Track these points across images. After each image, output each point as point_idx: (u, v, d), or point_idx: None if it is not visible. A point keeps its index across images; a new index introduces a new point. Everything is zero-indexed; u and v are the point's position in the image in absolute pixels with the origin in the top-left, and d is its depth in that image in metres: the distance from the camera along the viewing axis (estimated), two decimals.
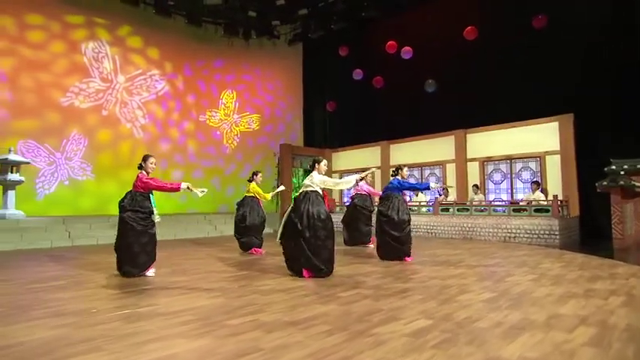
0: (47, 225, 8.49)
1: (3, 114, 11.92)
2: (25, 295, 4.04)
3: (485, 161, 11.02)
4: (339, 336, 2.75)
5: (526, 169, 10.37)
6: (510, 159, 10.58)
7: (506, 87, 10.41)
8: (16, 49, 12.43)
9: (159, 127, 15.07)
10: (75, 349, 2.55)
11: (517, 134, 10.39)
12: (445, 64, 11.44)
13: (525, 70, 10.12)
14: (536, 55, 10.03)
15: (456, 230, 9.70)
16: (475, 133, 11.17)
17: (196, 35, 15.58)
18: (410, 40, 11.82)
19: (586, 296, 3.84)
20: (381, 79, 12.84)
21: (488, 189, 10.97)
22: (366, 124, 14.03)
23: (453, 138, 11.52)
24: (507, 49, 10.36)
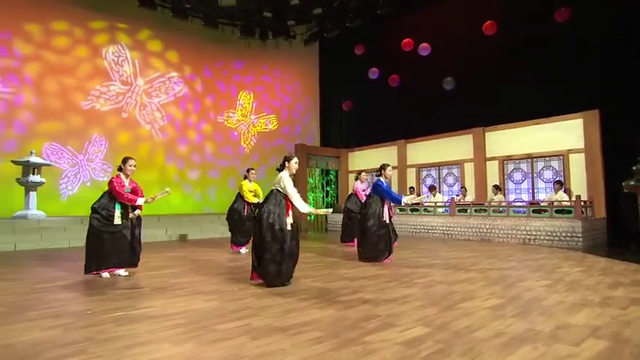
0: (66, 225, 8.70)
1: (29, 117, 12.33)
2: (29, 295, 4.09)
3: (505, 160, 10.63)
4: (327, 344, 2.64)
5: (548, 169, 9.94)
6: (531, 158, 10.16)
7: (528, 83, 10.01)
8: (42, 54, 12.84)
9: (177, 128, 15.28)
10: (59, 352, 2.53)
11: (538, 132, 9.97)
12: (463, 60, 11.10)
13: (547, 65, 9.71)
14: (559, 49, 9.60)
15: (473, 232, 9.38)
16: (494, 131, 10.79)
17: (213, 37, 15.72)
18: (426, 37, 11.53)
19: (602, 304, 3.58)
20: (397, 77, 12.60)
21: (508, 189, 10.57)
22: (383, 123, 13.80)
23: (471, 136, 11.17)
24: (528, 44, 9.96)
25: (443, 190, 11.95)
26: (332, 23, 14.32)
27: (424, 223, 10.43)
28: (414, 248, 8.02)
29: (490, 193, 10.22)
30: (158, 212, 13.32)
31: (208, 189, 15.38)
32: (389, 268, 5.61)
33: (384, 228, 6.05)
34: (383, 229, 6.05)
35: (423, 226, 10.43)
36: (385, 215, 6.11)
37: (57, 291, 4.27)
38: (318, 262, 6.22)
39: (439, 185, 12.00)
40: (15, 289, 4.39)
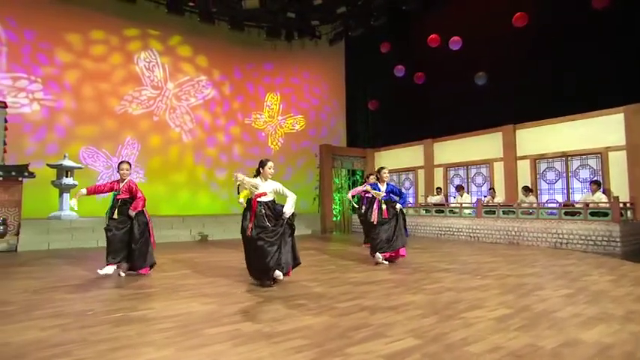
0: (95, 225, 9.09)
1: (68, 121, 13.02)
2: (41, 294, 4.27)
3: (538, 159, 10.06)
4: (307, 354, 2.56)
5: (584, 167, 9.31)
6: (566, 156, 9.56)
7: (562, 76, 9.44)
8: (81, 62, 13.53)
9: (206, 130, 15.64)
10: (47, 353, 2.60)
11: (574, 128, 9.37)
12: (491, 55, 10.62)
13: (584, 57, 9.08)
14: (596, 39, 8.97)
15: (500, 234, 8.95)
16: (526, 128, 10.25)
17: (240, 40, 15.95)
18: (453, 33, 11.10)
19: (624, 320, 3.27)
20: (422, 74, 12.26)
21: (541, 189, 10.00)
22: (409, 122, 13.46)
23: (500, 134, 10.66)
24: (562, 35, 9.39)
25: (471, 190, 11.50)
26: (356, 22, 14.16)
27: (450, 225, 10.07)
28: (434, 251, 7.76)
29: (520, 195, 9.70)
30: (186, 213, 13.71)
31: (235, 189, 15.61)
32: (400, 273, 5.44)
33: (377, 227, 6.12)
34: (378, 227, 6.11)
35: (449, 227, 10.08)
36: (374, 216, 6.15)
37: (68, 290, 4.43)
38: (330, 265, 6.14)
39: (467, 185, 11.56)
40: (31, 287, 4.60)
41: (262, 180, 4.75)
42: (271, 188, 4.75)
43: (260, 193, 4.67)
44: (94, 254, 7.50)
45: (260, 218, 4.57)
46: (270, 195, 4.73)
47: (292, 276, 5.07)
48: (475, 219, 9.54)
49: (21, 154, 11.62)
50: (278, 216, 4.64)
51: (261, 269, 4.53)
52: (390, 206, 6.16)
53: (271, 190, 4.75)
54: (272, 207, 4.69)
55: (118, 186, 5.54)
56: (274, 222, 4.61)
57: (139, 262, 5.33)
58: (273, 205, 4.72)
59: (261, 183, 4.73)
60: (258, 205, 4.63)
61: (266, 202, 4.68)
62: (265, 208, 4.63)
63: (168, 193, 14.25)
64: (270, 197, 4.73)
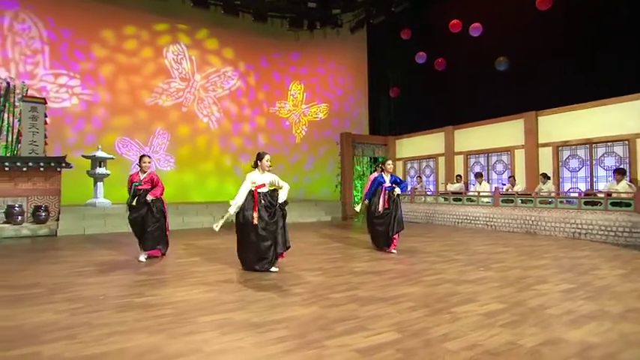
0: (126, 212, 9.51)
1: (104, 113, 13.57)
2: (66, 278, 4.55)
3: (560, 146, 9.58)
4: (287, 344, 2.61)
5: (610, 155, 8.79)
6: (590, 143, 9.04)
7: (586, 60, 8.88)
8: (114, 57, 13.99)
9: (232, 119, 15.88)
10: (54, 335, 2.78)
11: (599, 114, 8.82)
12: (513, 40, 10.12)
13: (609, 39, 8.50)
14: (623, 22, 8.33)
15: (517, 223, 8.65)
16: (548, 115, 9.74)
17: (264, 31, 15.93)
18: (475, 18, 10.63)
19: (618, 318, 3.11)
20: (443, 60, 11.84)
21: (563, 177, 9.55)
22: (430, 109, 13.12)
23: (522, 121, 10.20)
24: (587, 16, 8.78)
25: (491, 178, 11.13)
26: (377, 9, 13.79)
27: (467, 213, 9.82)
28: (447, 240, 7.61)
29: (540, 184, 9.30)
30: (213, 199, 14.09)
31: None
32: (405, 262, 5.39)
33: (379, 219, 6.24)
34: (377, 219, 6.26)
35: (466, 216, 9.83)
36: (380, 207, 6.23)
37: (91, 274, 4.70)
38: (336, 254, 6.15)
39: (487, 173, 11.19)
40: (60, 271, 4.91)
41: (260, 172, 4.87)
42: (268, 180, 4.87)
43: (259, 185, 4.80)
44: (124, 239, 7.87)
45: (261, 209, 4.71)
46: (267, 186, 4.86)
47: (298, 264, 5.17)
48: (492, 207, 9.26)
49: (64, 145, 12.28)
50: (273, 205, 4.79)
51: (259, 258, 4.72)
52: (393, 195, 6.25)
53: (268, 181, 4.87)
54: (270, 197, 4.84)
55: (138, 177, 5.77)
56: (272, 212, 4.76)
57: (149, 244, 5.64)
58: (271, 194, 4.87)
59: (259, 175, 4.84)
60: (259, 196, 4.76)
61: (265, 193, 4.82)
62: (265, 199, 4.78)
63: (197, 180, 14.66)
64: (267, 188, 4.86)
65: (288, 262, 5.43)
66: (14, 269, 5.10)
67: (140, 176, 5.77)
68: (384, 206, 6.20)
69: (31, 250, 6.80)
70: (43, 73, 12.52)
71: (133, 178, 5.77)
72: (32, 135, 9.21)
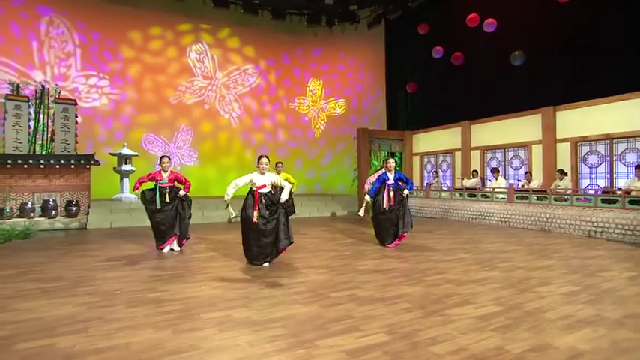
0: None
1: (131, 111, 14.02)
2: (89, 271, 4.81)
3: (579, 142, 9.22)
4: (279, 343, 2.68)
5: (631, 151, 8.40)
6: (610, 139, 8.67)
7: (607, 53, 8.47)
8: (141, 56, 14.39)
9: (252, 115, 16.08)
10: (70, 328, 2.97)
11: (620, 109, 8.43)
12: (532, 33, 9.76)
13: (630, 32, 8.07)
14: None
15: (532, 220, 8.43)
16: (567, 110, 9.38)
17: (283, 28, 15.97)
18: (492, 11, 10.30)
19: (616, 324, 3.03)
20: (460, 55, 11.54)
21: (581, 173, 9.21)
22: (447, 104, 12.87)
23: (539, 116, 9.87)
24: (606, 8, 8.37)
25: (508, 173, 10.86)
26: (394, 4, 13.55)
27: (481, 210, 9.64)
28: (457, 237, 7.52)
29: (556, 180, 9.00)
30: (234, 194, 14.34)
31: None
32: (410, 261, 5.38)
33: (384, 215, 6.30)
34: (382, 215, 6.33)
35: (480, 212, 9.65)
36: (385, 204, 6.28)
37: (111, 268, 4.94)
38: (346, 251, 6.18)
39: (504, 169, 10.92)
40: (84, 264, 5.19)
41: (260, 174, 5.03)
42: (269, 181, 5.06)
43: (260, 186, 4.97)
44: (147, 231, 8.16)
45: (262, 208, 4.89)
46: (268, 187, 5.05)
47: (307, 261, 5.26)
48: (506, 204, 9.05)
49: (95, 142, 12.79)
50: (274, 203, 4.98)
51: (259, 253, 4.96)
52: (398, 193, 6.30)
53: (269, 182, 5.05)
54: (271, 197, 5.04)
55: (161, 177, 6.02)
56: (273, 210, 4.95)
57: (185, 234, 6.11)
58: (271, 195, 5.06)
59: (259, 177, 5.01)
60: (260, 196, 4.94)
61: (265, 194, 5.01)
62: (265, 199, 4.98)
63: (219, 175, 14.97)
64: (268, 189, 5.05)
65: (297, 259, 5.54)
66: (45, 262, 5.42)
67: (163, 175, 6.05)
68: (389, 203, 6.25)
69: (61, 243, 7.18)
70: (75, 74, 13.03)
71: (156, 176, 6.04)
72: (64, 134, 9.64)
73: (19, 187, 8.80)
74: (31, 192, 8.93)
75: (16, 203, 8.67)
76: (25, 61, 12.10)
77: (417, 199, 11.85)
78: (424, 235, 7.82)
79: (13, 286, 4.19)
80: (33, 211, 8.65)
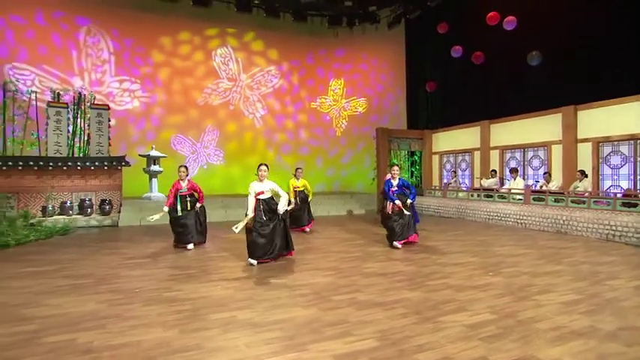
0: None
1: (161, 112, 14.56)
2: (114, 269, 5.14)
3: (601, 142, 8.85)
4: (274, 346, 2.83)
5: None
6: (635, 139, 8.27)
7: (631, 52, 8.07)
8: (170, 61, 14.89)
9: (275, 115, 16.31)
10: (91, 324, 3.24)
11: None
12: (554, 31, 9.41)
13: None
14: None
15: (548, 222, 8.20)
16: (589, 109, 9.00)
17: (304, 30, 16.06)
18: (512, 9, 10.00)
19: (609, 337, 2.99)
20: (480, 54, 11.29)
21: (603, 174, 8.84)
22: (466, 103, 12.62)
23: (560, 115, 9.52)
24: (628, 6, 7.95)
25: (527, 173, 10.56)
26: (413, 4, 13.36)
27: (498, 210, 9.45)
28: (469, 239, 7.43)
29: (576, 182, 8.69)
30: None
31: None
32: (417, 264, 5.40)
33: (388, 219, 6.49)
34: (388, 220, 6.50)
35: (497, 213, 9.46)
36: (388, 207, 6.51)
37: (134, 267, 5.26)
38: (356, 252, 6.25)
39: (523, 168, 10.63)
40: (111, 262, 5.54)
41: (259, 181, 5.26)
42: (268, 188, 5.28)
43: (259, 192, 5.20)
44: None
45: (259, 213, 5.14)
46: (267, 193, 5.27)
47: (316, 262, 5.42)
48: (523, 205, 8.83)
49: (128, 142, 13.41)
50: (273, 211, 5.21)
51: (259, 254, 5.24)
52: (402, 199, 6.46)
53: (268, 189, 5.27)
54: (269, 203, 5.25)
55: (180, 185, 6.39)
56: (269, 216, 5.18)
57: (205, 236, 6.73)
58: (269, 201, 5.27)
59: (259, 184, 5.24)
60: (258, 202, 5.17)
61: (264, 200, 5.23)
62: (263, 204, 5.21)
63: (243, 173, 15.29)
64: (267, 195, 5.27)
65: (307, 260, 5.69)
66: (77, 259, 5.83)
67: (182, 184, 6.48)
68: (393, 208, 6.45)
69: (95, 240, 7.66)
70: (110, 79, 13.66)
71: (177, 186, 6.47)
72: (99, 137, 10.19)
73: (59, 187, 9.41)
74: (70, 191, 9.52)
75: (57, 202, 9.28)
76: (65, 69, 12.81)
77: (434, 199, 11.74)
78: (437, 236, 7.78)
79: (48, 282, 4.56)
80: (71, 209, 9.23)
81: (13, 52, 11.93)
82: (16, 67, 11.99)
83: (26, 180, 9.15)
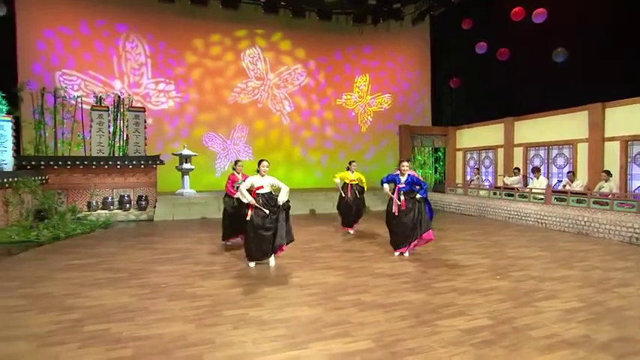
0: (206, 200, 10.78)
1: (194, 110, 15.13)
2: (147, 264, 5.56)
3: (630, 140, 8.44)
4: (276, 344, 3.06)
5: None
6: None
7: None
8: (203, 61, 15.40)
9: (301, 113, 16.53)
10: (120, 317, 3.61)
11: None
12: (581, 27, 8.99)
13: None
14: None
15: (569, 223, 7.96)
16: (617, 107, 8.60)
17: (330, 28, 16.07)
18: (537, 4, 9.61)
19: (601, 347, 3.01)
20: (505, 51, 10.96)
21: (632, 174, 8.44)
22: (491, 100, 12.29)
23: (586, 113, 9.14)
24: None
25: (552, 172, 10.22)
26: (438, 0, 13.06)
27: (518, 209, 9.24)
28: (485, 239, 7.36)
29: (602, 180, 8.35)
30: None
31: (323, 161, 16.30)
32: (425, 266, 5.45)
33: (393, 220, 5.97)
34: (393, 220, 5.98)
35: (517, 212, 9.26)
36: (394, 207, 5.94)
37: (164, 262, 5.66)
38: (369, 252, 6.35)
39: (547, 167, 10.29)
40: (144, 257, 5.99)
41: (260, 176, 5.39)
42: (268, 182, 5.39)
43: (258, 187, 5.32)
44: (201, 226, 9.03)
45: (259, 207, 5.22)
46: (267, 188, 5.37)
47: (329, 261, 5.62)
48: (544, 205, 8.60)
49: (164, 138, 14.10)
50: (274, 204, 5.27)
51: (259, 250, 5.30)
52: (409, 197, 5.86)
53: (268, 183, 5.38)
54: (268, 197, 5.35)
55: (237, 178, 6.58)
56: (270, 209, 5.24)
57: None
58: (269, 196, 5.37)
59: (259, 179, 5.37)
60: (257, 196, 5.30)
61: (263, 194, 5.34)
62: (263, 199, 5.30)
63: (270, 169, 15.65)
64: (267, 190, 5.37)
65: (321, 258, 5.89)
66: (116, 252, 6.33)
67: (237, 177, 6.62)
68: (399, 207, 5.87)
69: (131, 234, 8.21)
70: (147, 81, 14.34)
71: (234, 178, 6.56)
72: (136, 137, 10.82)
73: (101, 184, 10.13)
74: (111, 188, 10.22)
75: (100, 198, 10.00)
76: (107, 73, 13.58)
77: (456, 196, 11.60)
78: (453, 235, 7.77)
79: (90, 274, 5.03)
80: (112, 204, 9.92)
81: (63, 60, 12.78)
82: (66, 74, 12.85)
83: (74, 177, 9.91)
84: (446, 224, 9.28)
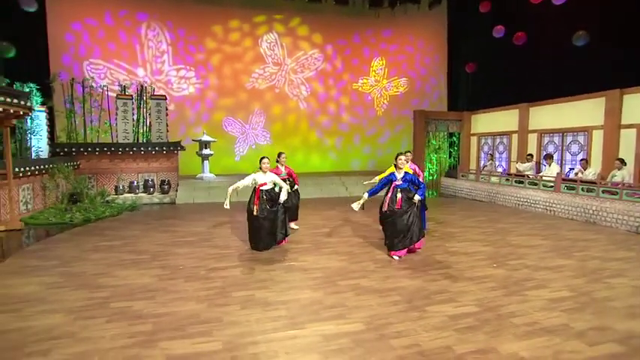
0: (225, 185, 11.17)
1: (213, 95, 15.46)
2: (167, 246, 5.99)
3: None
4: (277, 324, 3.39)
5: None
6: None
7: None
8: (222, 47, 15.60)
9: (318, 97, 16.59)
10: (141, 296, 4.00)
11: None
12: (599, 10, 8.62)
13: None
14: None
15: (577, 211, 7.90)
16: (635, 93, 8.31)
17: (346, 12, 15.91)
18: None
19: (577, 335, 3.17)
20: (522, 35, 10.65)
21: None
22: (506, 85, 12.03)
23: (603, 100, 8.88)
24: None
25: (565, 158, 10.05)
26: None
27: (527, 196, 9.20)
28: (489, 226, 7.44)
29: (615, 169, 8.20)
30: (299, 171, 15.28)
31: (337, 144, 16.43)
32: (427, 251, 5.62)
33: (384, 218, 5.45)
34: (384, 218, 5.47)
35: (527, 199, 9.22)
36: (385, 206, 5.40)
37: (182, 245, 6.07)
38: (374, 238, 6.46)
39: (561, 153, 10.11)
40: (165, 240, 6.43)
41: (262, 173, 5.67)
42: (270, 179, 5.67)
43: (262, 183, 5.61)
44: (220, 209, 9.42)
45: (262, 203, 5.53)
46: (269, 184, 5.66)
47: (336, 246, 5.88)
48: (552, 193, 8.54)
49: (186, 123, 14.56)
50: (275, 200, 5.62)
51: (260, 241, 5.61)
52: (406, 196, 5.33)
53: (270, 180, 5.67)
54: (271, 193, 5.66)
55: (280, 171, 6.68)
56: (272, 204, 5.58)
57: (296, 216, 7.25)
58: (271, 192, 5.68)
59: (262, 176, 5.64)
60: (261, 192, 5.59)
61: (267, 190, 5.63)
62: (266, 195, 5.61)
63: (288, 154, 15.88)
64: (269, 186, 5.66)
65: (329, 244, 6.16)
66: (139, 235, 6.80)
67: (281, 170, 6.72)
68: (392, 205, 5.32)
69: (155, 217, 8.71)
70: (168, 69, 14.69)
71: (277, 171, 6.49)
72: (158, 124, 11.26)
73: (127, 169, 10.69)
74: (136, 172, 10.77)
75: (126, 182, 10.57)
76: (131, 62, 14.00)
77: (467, 182, 11.59)
78: (459, 222, 7.88)
79: (117, 255, 5.50)
80: (138, 188, 10.48)
81: (89, 50, 13.25)
82: (92, 63, 13.34)
83: (102, 163, 10.49)
84: (455, 210, 9.37)
